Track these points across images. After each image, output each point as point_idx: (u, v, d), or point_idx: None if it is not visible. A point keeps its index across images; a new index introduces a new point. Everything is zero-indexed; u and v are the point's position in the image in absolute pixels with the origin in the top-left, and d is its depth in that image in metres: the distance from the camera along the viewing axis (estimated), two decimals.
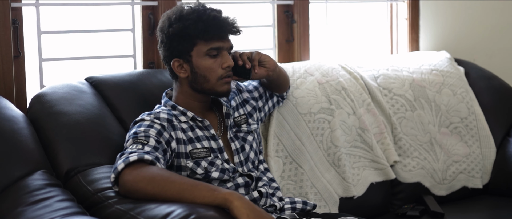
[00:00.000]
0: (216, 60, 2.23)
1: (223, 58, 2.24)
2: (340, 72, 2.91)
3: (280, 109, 2.66)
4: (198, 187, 1.94)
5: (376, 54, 3.45)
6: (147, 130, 2.13)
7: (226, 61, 2.24)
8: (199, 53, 2.22)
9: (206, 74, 2.24)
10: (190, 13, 2.21)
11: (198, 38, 2.21)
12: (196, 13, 2.20)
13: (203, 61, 2.23)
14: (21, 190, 2.03)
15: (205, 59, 2.23)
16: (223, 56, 2.24)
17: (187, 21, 2.20)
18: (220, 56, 2.24)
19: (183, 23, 2.20)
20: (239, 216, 1.87)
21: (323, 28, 3.30)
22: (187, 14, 2.21)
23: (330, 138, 2.72)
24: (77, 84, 2.48)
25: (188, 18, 2.20)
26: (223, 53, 2.24)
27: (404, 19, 3.46)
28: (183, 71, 2.25)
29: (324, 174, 2.69)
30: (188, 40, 2.21)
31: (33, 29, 2.61)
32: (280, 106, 2.66)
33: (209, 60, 2.23)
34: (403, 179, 2.84)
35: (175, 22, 2.21)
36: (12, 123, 2.22)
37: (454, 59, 3.23)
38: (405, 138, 2.89)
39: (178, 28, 2.21)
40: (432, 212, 2.69)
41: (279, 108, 2.66)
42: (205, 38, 2.20)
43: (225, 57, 2.25)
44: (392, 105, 2.93)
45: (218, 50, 2.23)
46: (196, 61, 2.23)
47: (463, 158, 2.96)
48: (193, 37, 2.21)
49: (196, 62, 2.23)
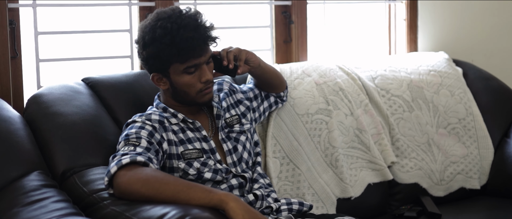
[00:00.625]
0: (194, 75, 2.20)
1: (202, 72, 2.21)
2: (338, 73, 2.91)
3: (278, 110, 2.66)
4: (193, 188, 1.93)
5: (374, 55, 3.45)
6: (138, 131, 2.13)
7: (205, 75, 2.20)
8: (176, 71, 2.19)
9: (185, 89, 2.22)
10: (163, 36, 2.13)
11: (173, 61, 2.17)
12: (169, 35, 2.13)
13: (181, 78, 2.20)
14: (16, 191, 2.03)
15: (183, 76, 2.20)
16: (202, 70, 2.21)
17: (160, 44, 2.14)
18: (199, 70, 2.21)
19: (156, 46, 2.15)
20: (234, 217, 1.87)
21: (321, 29, 3.29)
22: (160, 37, 2.14)
23: (327, 138, 2.72)
24: (74, 85, 2.47)
25: (161, 41, 2.13)
26: (201, 67, 2.21)
27: (402, 20, 3.46)
28: (163, 84, 2.24)
29: (322, 175, 2.68)
30: (164, 62, 2.17)
31: (30, 30, 2.61)
32: (279, 108, 2.66)
33: (187, 76, 2.20)
34: (400, 180, 2.84)
35: (149, 44, 2.16)
36: (8, 124, 2.22)
37: (452, 60, 3.22)
38: (403, 139, 2.89)
39: (152, 52, 2.16)
40: (429, 213, 2.68)
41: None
42: (180, 60, 2.16)
43: (204, 71, 2.21)
44: (390, 106, 2.93)
45: (195, 66, 2.20)
46: (174, 78, 2.21)
47: (461, 159, 2.96)
48: (168, 60, 2.17)
49: (174, 79, 2.21)
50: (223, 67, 2.29)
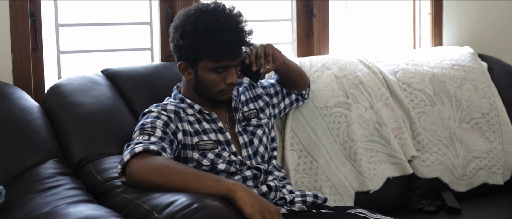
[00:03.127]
0: (221, 75, 2.22)
1: (229, 74, 2.22)
2: (359, 66, 2.89)
3: None
4: (203, 177, 1.94)
5: (397, 49, 3.41)
6: (154, 121, 2.14)
7: (231, 78, 2.22)
8: (205, 67, 2.20)
9: (208, 86, 2.23)
10: (204, 31, 2.15)
11: (206, 57, 2.18)
12: (210, 33, 2.15)
13: (208, 75, 2.22)
14: (31, 178, 2.07)
15: (210, 73, 2.21)
16: (230, 72, 2.22)
17: (199, 39, 2.16)
18: (227, 71, 2.22)
19: (194, 39, 2.17)
20: (243, 207, 1.86)
21: (344, 23, 3.28)
22: (201, 32, 2.16)
23: (346, 132, 2.71)
24: (92, 76, 2.51)
25: (201, 36, 2.15)
26: (230, 69, 2.22)
27: (427, 14, 3.42)
28: (188, 73, 2.25)
29: (340, 168, 2.67)
30: (197, 56, 2.19)
31: (51, 22, 2.65)
32: (300, 105, 2.65)
33: (214, 74, 2.21)
34: (421, 175, 2.81)
35: (188, 35, 2.18)
36: (26, 113, 2.26)
37: (477, 54, 3.18)
38: (424, 133, 2.86)
39: (188, 43, 2.18)
40: (449, 207, 2.66)
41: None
42: (213, 59, 2.18)
43: (231, 73, 2.22)
44: (411, 100, 2.91)
45: (225, 68, 2.21)
46: (201, 72, 2.22)
47: (484, 154, 2.92)
48: (201, 55, 2.18)
49: (201, 73, 2.22)
50: (249, 71, 2.29)
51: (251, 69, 2.28)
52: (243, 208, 1.86)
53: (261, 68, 2.28)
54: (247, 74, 2.30)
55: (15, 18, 2.47)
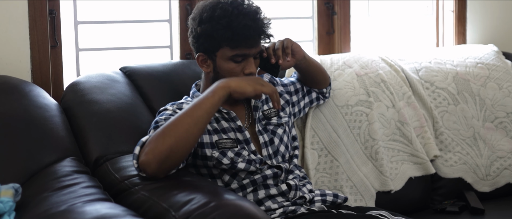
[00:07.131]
0: (239, 65, 2.19)
1: (247, 63, 2.20)
2: (380, 64, 2.86)
3: None
4: (196, 106, 2.00)
5: (420, 47, 3.37)
6: (168, 118, 2.13)
7: (249, 68, 2.19)
8: (223, 56, 2.18)
9: (227, 76, 2.19)
10: (222, 17, 2.14)
11: (225, 44, 2.16)
12: (228, 18, 2.13)
13: (226, 64, 2.19)
14: (48, 176, 2.06)
15: (228, 62, 2.19)
16: (248, 62, 2.20)
17: (217, 25, 2.14)
18: (245, 61, 2.20)
19: (212, 25, 2.15)
20: (244, 91, 2.04)
21: (365, 21, 3.24)
22: (218, 17, 2.14)
23: (367, 131, 2.67)
24: (111, 74, 2.49)
25: (218, 22, 2.14)
26: (248, 59, 2.20)
27: (450, 12, 3.37)
28: (206, 66, 2.23)
29: (361, 167, 2.64)
30: (215, 43, 2.17)
31: (70, 19, 2.64)
32: (321, 104, 2.62)
33: (233, 64, 2.19)
34: (444, 174, 2.77)
35: (205, 21, 2.16)
36: (43, 111, 2.25)
37: (501, 53, 3.13)
38: (447, 132, 2.82)
39: (206, 30, 2.16)
40: (472, 208, 2.61)
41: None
42: (231, 45, 2.16)
43: (250, 63, 2.20)
44: (434, 98, 2.86)
45: (243, 56, 2.19)
46: (219, 62, 2.20)
47: (508, 154, 2.87)
48: (219, 42, 2.16)
49: (220, 63, 2.20)
50: (268, 66, 2.26)
51: (270, 62, 2.25)
52: (245, 92, 2.05)
53: (280, 60, 2.25)
54: (266, 69, 2.27)
55: (34, 16, 2.47)
